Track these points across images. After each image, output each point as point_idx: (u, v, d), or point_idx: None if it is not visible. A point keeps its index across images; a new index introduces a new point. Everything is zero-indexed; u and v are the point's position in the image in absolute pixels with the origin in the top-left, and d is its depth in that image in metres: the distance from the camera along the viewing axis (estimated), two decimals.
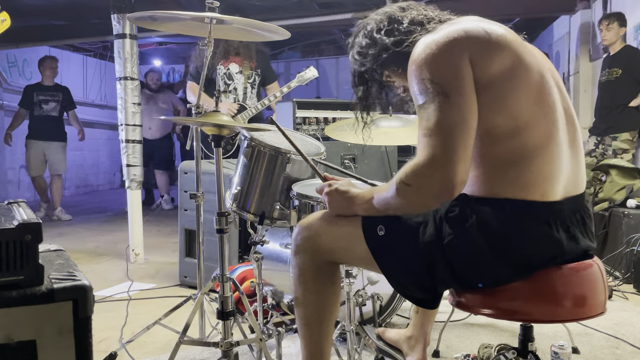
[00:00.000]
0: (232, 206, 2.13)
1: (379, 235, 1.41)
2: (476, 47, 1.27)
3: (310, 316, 1.57)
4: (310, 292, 1.56)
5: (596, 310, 1.33)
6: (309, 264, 1.54)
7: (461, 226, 1.29)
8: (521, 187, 1.27)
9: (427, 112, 1.24)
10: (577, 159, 1.37)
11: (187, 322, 1.91)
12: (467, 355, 2.08)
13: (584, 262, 1.34)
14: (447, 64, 1.25)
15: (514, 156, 1.27)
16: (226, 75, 3.86)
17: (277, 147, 2.08)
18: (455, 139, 1.21)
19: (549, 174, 1.28)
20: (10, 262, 1.23)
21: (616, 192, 3.83)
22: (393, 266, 1.41)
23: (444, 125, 1.22)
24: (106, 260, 4.19)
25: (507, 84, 1.27)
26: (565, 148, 1.32)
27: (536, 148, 1.27)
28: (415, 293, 1.42)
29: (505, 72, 1.27)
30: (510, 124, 1.27)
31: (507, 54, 1.28)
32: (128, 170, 4.14)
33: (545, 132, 1.28)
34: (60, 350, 1.24)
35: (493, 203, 1.28)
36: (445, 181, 1.21)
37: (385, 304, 2.40)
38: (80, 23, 6.17)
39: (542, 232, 1.27)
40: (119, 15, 4.04)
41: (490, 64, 1.26)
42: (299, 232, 1.57)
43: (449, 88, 1.23)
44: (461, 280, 1.33)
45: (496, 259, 1.27)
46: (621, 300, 3.10)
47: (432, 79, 1.24)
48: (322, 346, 1.58)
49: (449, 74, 1.24)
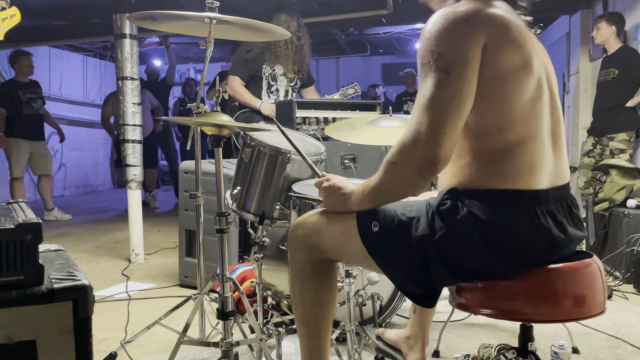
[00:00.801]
0: (232, 206, 2.14)
1: (373, 231, 1.40)
2: (494, 36, 1.26)
3: (308, 315, 1.57)
4: (307, 290, 1.56)
5: (596, 310, 1.33)
6: (305, 263, 1.54)
7: (452, 218, 1.30)
8: (506, 178, 1.29)
9: (425, 85, 1.25)
10: (560, 152, 1.39)
11: (187, 322, 1.91)
12: (467, 355, 2.08)
13: (583, 262, 1.35)
14: (458, 42, 1.24)
15: (498, 148, 1.29)
16: (271, 76, 4.00)
17: (277, 147, 2.08)
18: (445, 114, 1.22)
19: (532, 164, 1.30)
20: (10, 262, 1.23)
21: (616, 192, 3.83)
22: (389, 262, 1.41)
23: (437, 100, 1.23)
24: (106, 260, 4.19)
25: (509, 82, 1.27)
26: (547, 142, 1.34)
27: (520, 142, 1.29)
28: (412, 289, 1.41)
29: (511, 70, 1.27)
30: (499, 120, 1.28)
31: (520, 53, 1.28)
32: (128, 170, 4.14)
33: (531, 126, 1.30)
34: (60, 351, 1.24)
35: (480, 194, 1.29)
36: (429, 156, 1.22)
37: (385, 304, 2.40)
38: (81, 23, 6.17)
39: (529, 219, 1.28)
40: (119, 16, 4.05)
41: (500, 58, 1.26)
42: (293, 231, 1.57)
43: (453, 67, 1.23)
44: (455, 273, 1.33)
45: (488, 250, 1.28)
46: (621, 300, 3.10)
47: (439, 52, 1.24)
48: (321, 344, 1.58)
49: (456, 53, 1.24)
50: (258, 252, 2.15)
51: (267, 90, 4.00)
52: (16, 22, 1.73)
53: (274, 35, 2.26)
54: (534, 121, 1.31)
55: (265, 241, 2.19)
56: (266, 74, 3.98)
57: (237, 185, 2.14)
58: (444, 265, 1.32)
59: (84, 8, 5.49)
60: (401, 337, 2.08)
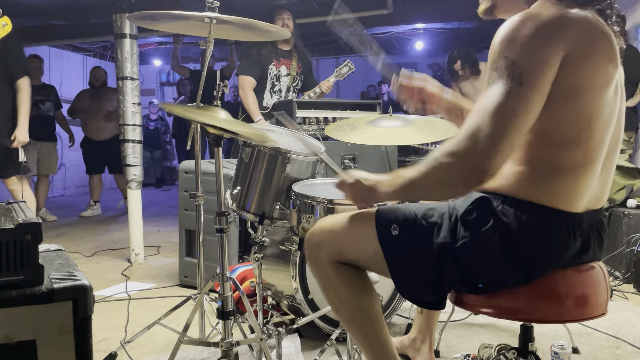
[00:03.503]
0: (232, 206, 2.13)
1: (392, 234, 1.38)
2: (579, 44, 1.18)
3: (354, 313, 1.49)
4: (341, 290, 1.48)
5: (598, 311, 1.33)
6: (326, 264, 1.49)
7: (476, 230, 1.27)
8: (552, 196, 1.25)
9: (492, 91, 1.16)
10: (607, 177, 1.34)
11: (187, 322, 1.91)
12: (467, 355, 2.07)
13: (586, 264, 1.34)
14: (536, 51, 1.16)
15: (559, 165, 1.24)
16: (275, 77, 4.04)
17: (277, 147, 2.08)
18: (508, 128, 1.13)
19: (582, 191, 1.26)
20: (10, 262, 1.23)
21: (616, 192, 3.83)
22: (403, 267, 1.38)
23: (504, 110, 1.14)
24: (106, 260, 4.19)
25: (588, 95, 1.20)
26: (600, 166, 1.29)
27: (582, 165, 1.24)
28: (422, 296, 1.39)
29: (591, 84, 1.19)
30: (570, 134, 1.22)
31: (605, 66, 1.20)
32: (128, 170, 4.14)
33: (593, 149, 1.25)
34: (60, 350, 1.24)
35: (522, 205, 1.26)
36: (481, 166, 1.13)
37: (385, 304, 2.40)
38: (81, 23, 6.17)
39: (561, 239, 1.26)
40: (119, 15, 4.04)
41: (584, 68, 1.18)
42: (309, 239, 1.52)
43: (527, 77, 1.15)
44: (468, 282, 1.32)
45: (508, 263, 1.26)
46: (621, 300, 3.10)
47: (514, 60, 1.16)
48: (382, 340, 1.48)
49: (533, 63, 1.15)
50: (258, 252, 2.15)
51: (270, 90, 4.03)
52: (8, 31, 1.73)
53: (274, 35, 2.26)
54: (601, 144, 1.25)
55: (265, 241, 2.19)
56: (271, 74, 4.02)
57: (237, 185, 2.14)
58: (459, 274, 1.30)
59: (84, 8, 5.49)
60: (405, 342, 2.07)
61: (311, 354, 2.20)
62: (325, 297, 1.54)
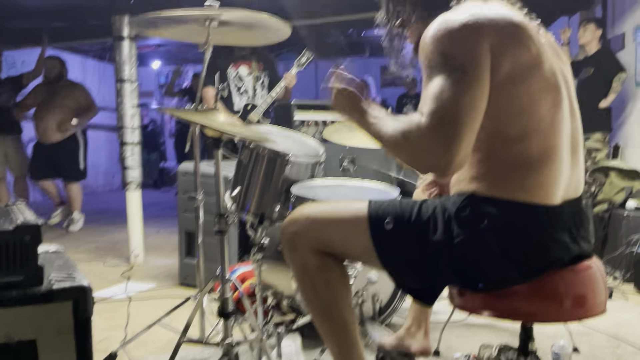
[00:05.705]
0: (232, 207, 2.13)
1: (385, 229, 1.37)
2: (498, 38, 1.23)
3: (327, 306, 1.47)
4: (319, 279, 1.46)
5: (597, 310, 1.33)
6: (307, 254, 1.46)
7: (471, 227, 1.28)
8: (525, 190, 1.27)
9: (440, 82, 1.19)
10: (577, 163, 1.36)
11: (187, 322, 1.91)
12: (467, 355, 2.07)
13: (583, 263, 1.35)
14: (467, 43, 1.22)
15: (521, 158, 1.26)
16: (237, 78, 4.01)
17: (276, 149, 2.08)
18: (464, 118, 1.17)
19: (552, 178, 1.28)
20: (10, 264, 1.23)
21: (615, 194, 3.84)
22: (396, 261, 1.39)
23: (458, 100, 1.17)
24: (106, 261, 4.19)
25: (520, 85, 1.24)
26: (567, 153, 1.31)
27: (542, 153, 1.26)
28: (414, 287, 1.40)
29: (520, 72, 1.24)
30: (521, 128, 1.25)
31: (529, 53, 1.25)
32: (126, 172, 4.14)
33: (553, 137, 1.27)
34: (60, 350, 1.25)
35: (498, 204, 1.27)
36: (445, 158, 1.16)
37: (385, 305, 2.40)
38: (79, 25, 6.16)
39: (547, 234, 1.27)
40: (117, 17, 4.05)
41: (509, 59, 1.23)
42: (286, 227, 1.49)
43: (467, 64, 1.19)
44: (466, 280, 1.33)
45: (506, 261, 1.27)
46: (621, 300, 3.10)
47: (450, 54, 1.21)
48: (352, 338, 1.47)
49: (468, 52, 1.21)
50: (258, 253, 2.15)
51: (236, 92, 4.01)
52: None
53: (274, 36, 2.25)
54: (555, 131, 1.28)
55: (265, 242, 2.19)
56: (231, 76, 4.00)
57: (237, 187, 2.14)
58: (456, 271, 1.31)
59: (83, 9, 5.48)
60: (402, 333, 2.06)
61: (311, 353, 2.20)
62: (298, 286, 1.51)
